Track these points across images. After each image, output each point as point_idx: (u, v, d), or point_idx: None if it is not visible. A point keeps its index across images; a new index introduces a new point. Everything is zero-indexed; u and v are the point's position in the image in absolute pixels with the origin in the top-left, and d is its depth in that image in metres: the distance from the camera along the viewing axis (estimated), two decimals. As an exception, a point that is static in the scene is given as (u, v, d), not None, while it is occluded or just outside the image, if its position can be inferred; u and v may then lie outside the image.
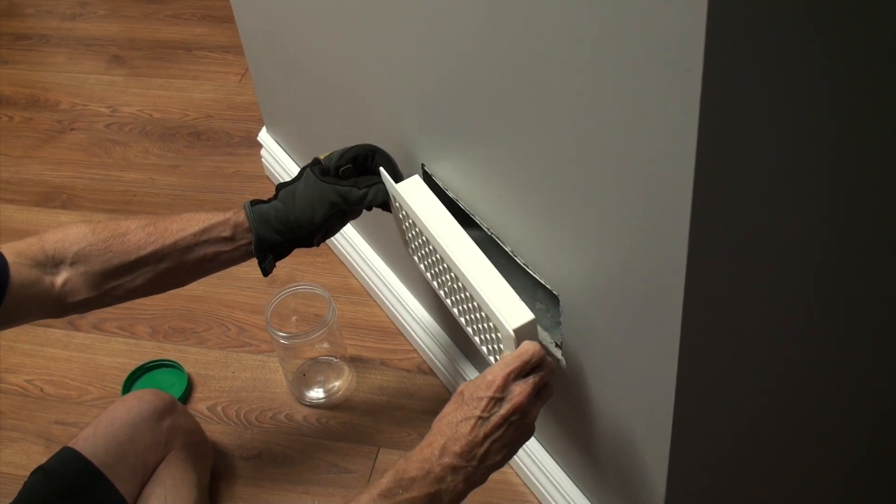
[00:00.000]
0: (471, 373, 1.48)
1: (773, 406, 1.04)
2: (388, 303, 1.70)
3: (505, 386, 0.98)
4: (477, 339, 1.15)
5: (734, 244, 0.82)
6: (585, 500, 1.30)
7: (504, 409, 0.98)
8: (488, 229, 1.15)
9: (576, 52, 0.80)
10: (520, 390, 0.98)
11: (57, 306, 1.10)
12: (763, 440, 1.09)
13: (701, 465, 1.08)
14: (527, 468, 1.40)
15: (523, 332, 1.03)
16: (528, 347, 1.00)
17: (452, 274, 1.12)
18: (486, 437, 0.97)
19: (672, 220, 0.78)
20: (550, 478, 1.35)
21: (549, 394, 1.02)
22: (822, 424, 1.10)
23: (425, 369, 1.63)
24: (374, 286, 1.74)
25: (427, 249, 1.18)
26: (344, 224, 1.23)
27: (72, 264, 1.10)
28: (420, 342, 1.62)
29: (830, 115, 0.74)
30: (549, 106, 0.88)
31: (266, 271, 1.18)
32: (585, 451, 1.24)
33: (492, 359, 1.13)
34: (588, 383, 1.11)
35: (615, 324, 0.98)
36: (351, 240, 1.76)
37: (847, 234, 0.87)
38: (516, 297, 1.05)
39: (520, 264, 1.12)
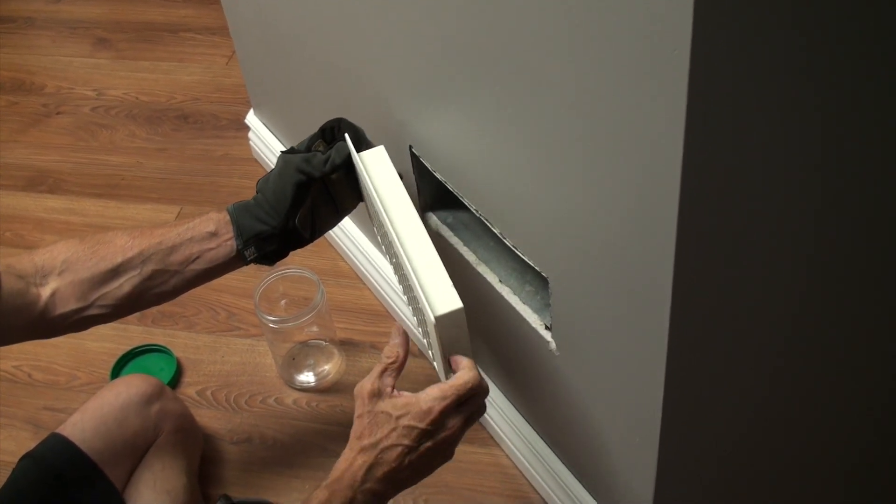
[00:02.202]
0: (461, 355, 1.48)
1: (765, 389, 1.04)
2: (377, 285, 1.70)
3: (440, 420, 0.98)
4: (419, 324, 1.14)
5: (725, 227, 0.81)
6: (578, 484, 1.30)
7: (434, 441, 0.98)
8: (477, 211, 1.15)
9: (565, 30, 0.79)
10: (452, 423, 0.99)
11: (41, 321, 1.08)
12: (754, 426, 1.09)
13: (692, 449, 1.07)
14: (519, 451, 1.40)
15: (448, 321, 0.98)
16: (468, 380, 0.99)
17: (395, 251, 1.10)
18: (410, 464, 0.98)
19: (662, 202, 0.77)
20: (542, 460, 1.35)
21: (480, 415, 1.03)
22: (815, 412, 1.10)
23: (415, 352, 1.63)
24: (363, 269, 1.73)
25: (378, 222, 1.15)
26: (335, 215, 1.21)
27: (60, 273, 1.09)
28: (410, 325, 1.62)
29: (821, 106, 0.73)
30: (537, 86, 0.87)
31: (256, 260, 1.16)
32: (575, 434, 1.24)
33: (429, 352, 1.10)
34: (578, 366, 1.11)
35: (605, 306, 0.97)
36: (341, 223, 1.75)
37: (842, 228, 0.86)
38: (450, 284, 1.01)
39: (508, 246, 1.11)
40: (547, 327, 1.13)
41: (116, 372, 1.66)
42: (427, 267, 1.04)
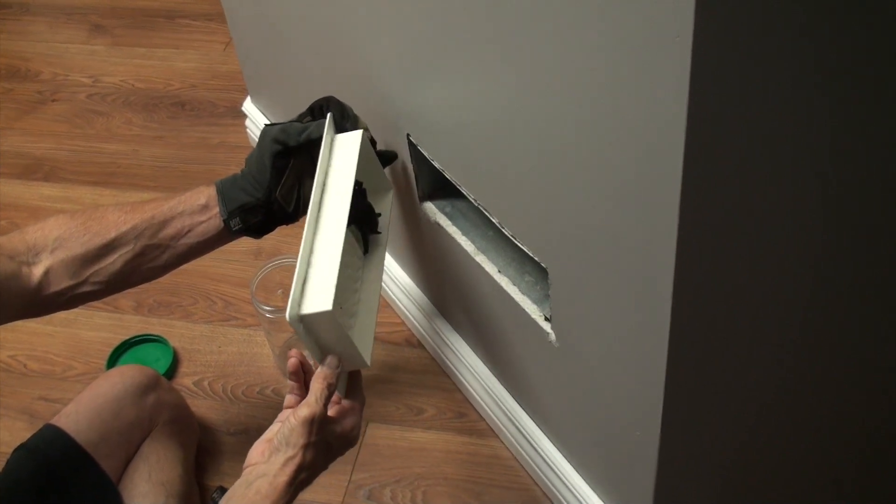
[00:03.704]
0: (459, 346, 1.47)
1: (768, 383, 1.02)
2: (375, 275, 1.68)
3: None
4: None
5: (728, 217, 0.79)
6: (578, 476, 1.28)
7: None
8: (475, 200, 1.13)
9: (566, 15, 0.77)
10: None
11: (35, 301, 1.07)
12: (756, 420, 1.07)
13: (693, 442, 1.06)
14: (518, 443, 1.39)
15: (313, 323, 0.96)
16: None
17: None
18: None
19: (663, 191, 0.75)
20: (541, 452, 1.33)
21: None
22: (819, 407, 1.09)
23: (413, 342, 1.61)
24: (361, 258, 1.72)
25: (311, 203, 1.11)
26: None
27: (52, 250, 1.07)
28: (408, 314, 1.60)
29: (827, 101, 0.72)
30: (536, 71, 0.85)
31: (241, 231, 1.14)
32: (575, 426, 1.22)
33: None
34: (578, 358, 1.09)
35: (606, 297, 0.96)
36: (337, 211, 1.74)
37: (849, 226, 0.85)
38: (331, 287, 0.96)
39: (507, 236, 1.10)
40: (546, 318, 1.12)
41: (112, 362, 1.65)
42: (318, 264, 1.00)
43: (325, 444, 0.99)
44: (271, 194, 1.12)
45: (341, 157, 1.09)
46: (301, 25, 1.43)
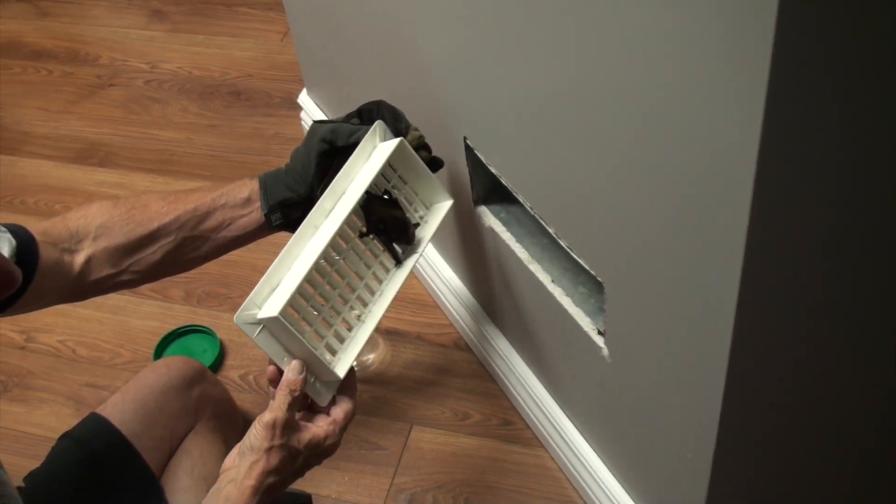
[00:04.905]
0: (508, 352, 1.44)
1: (826, 409, 0.99)
2: (425, 275, 1.66)
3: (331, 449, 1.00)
4: None
5: (796, 237, 0.76)
6: (624, 492, 1.26)
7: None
8: (531, 208, 1.10)
9: (639, 19, 0.74)
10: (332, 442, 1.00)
11: (76, 288, 1.07)
12: (809, 446, 1.04)
13: (746, 464, 1.03)
14: (564, 455, 1.37)
15: (272, 328, 0.94)
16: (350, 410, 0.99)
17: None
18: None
19: (732, 209, 0.72)
20: (587, 465, 1.31)
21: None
22: (868, 431, 1.05)
23: (462, 345, 1.59)
24: (411, 257, 1.70)
25: (323, 200, 1.08)
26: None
27: (95, 238, 1.07)
28: (457, 317, 1.58)
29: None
30: (603, 78, 0.83)
31: (281, 226, 1.13)
32: (624, 442, 1.20)
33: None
34: (631, 374, 1.07)
35: (664, 314, 0.93)
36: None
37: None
38: (288, 293, 0.94)
39: (562, 246, 1.07)
40: (600, 332, 1.09)
41: (160, 351, 1.65)
42: (287, 266, 0.98)
43: (291, 450, 0.97)
44: (313, 191, 1.11)
45: (368, 166, 1.07)
46: (360, 20, 1.41)
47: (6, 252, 0.96)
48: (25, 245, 1.00)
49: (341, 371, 0.99)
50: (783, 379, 0.93)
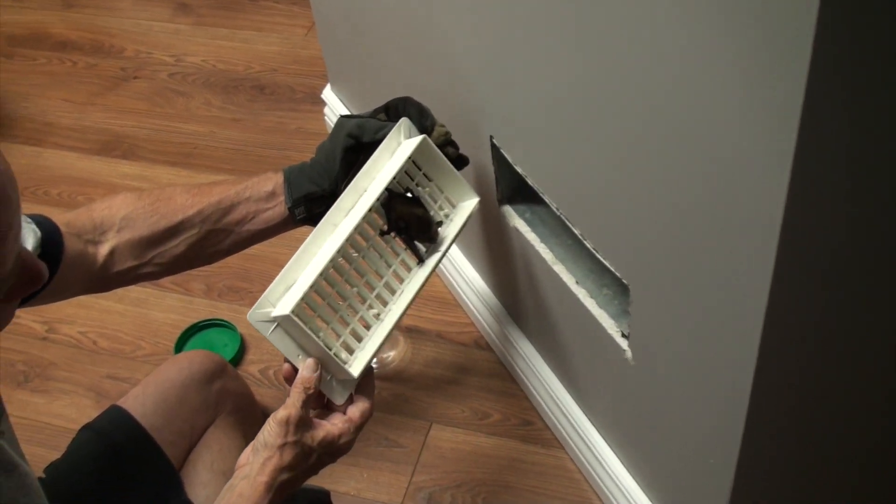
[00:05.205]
0: (529, 352, 1.44)
1: (848, 409, 0.98)
2: (447, 274, 1.66)
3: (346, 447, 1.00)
4: None
5: (829, 242, 0.76)
6: (644, 495, 1.25)
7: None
8: (557, 209, 1.10)
9: (667, 27, 0.73)
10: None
11: (99, 279, 1.07)
12: (834, 455, 1.03)
13: (770, 471, 1.02)
14: (583, 456, 1.36)
15: (286, 326, 0.94)
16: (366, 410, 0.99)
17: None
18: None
19: (764, 214, 0.72)
20: (607, 468, 1.30)
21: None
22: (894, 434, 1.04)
23: (482, 344, 1.59)
24: (433, 255, 1.70)
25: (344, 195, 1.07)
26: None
27: (119, 230, 1.07)
28: (478, 315, 1.58)
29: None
30: (633, 77, 0.82)
31: (304, 220, 1.12)
32: (645, 446, 1.19)
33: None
34: (654, 378, 1.06)
35: (691, 319, 0.92)
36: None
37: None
38: (301, 292, 0.94)
39: (587, 247, 1.06)
40: (624, 335, 1.09)
41: (181, 344, 1.65)
42: (302, 265, 0.98)
43: (304, 447, 0.97)
44: (337, 186, 1.10)
45: (390, 164, 1.06)
46: (387, 17, 1.40)
47: (31, 243, 0.96)
48: (50, 236, 1.00)
49: (356, 370, 0.98)
50: (810, 383, 0.92)
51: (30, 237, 0.96)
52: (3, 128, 2.20)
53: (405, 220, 1.06)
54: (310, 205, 1.11)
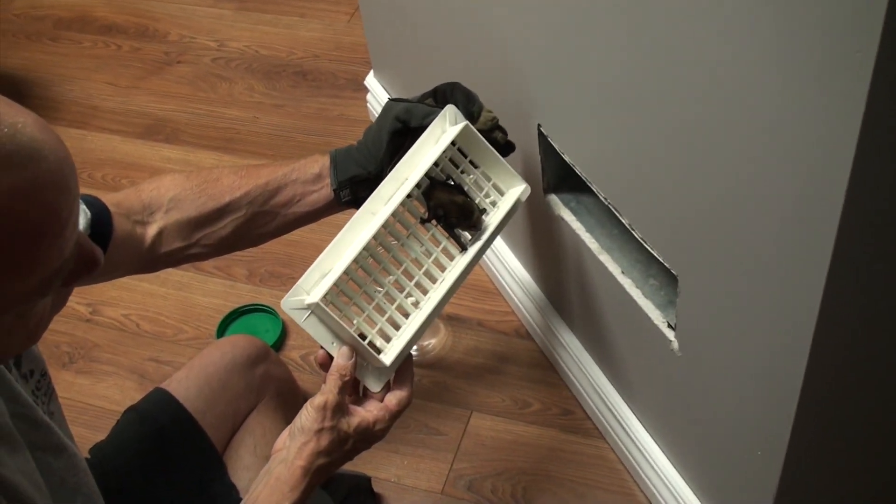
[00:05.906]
0: (571, 342, 1.43)
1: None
2: (488, 262, 1.66)
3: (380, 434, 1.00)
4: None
5: (885, 239, 0.74)
6: (687, 487, 1.24)
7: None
8: (605, 198, 1.09)
9: (725, 19, 0.72)
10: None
11: (146, 260, 1.08)
12: (882, 440, 1.02)
13: (817, 466, 1.01)
14: (625, 447, 1.35)
15: (318, 314, 0.94)
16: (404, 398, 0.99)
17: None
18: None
19: (823, 206, 0.71)
20: (649, 458, 1.29)
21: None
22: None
23: (523, 333, 1.58)
24: (474, 243, 1.69)
25: (384, 184, 1.05)
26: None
27: (167, 211, 1.07)
28: (519, 304, 1.57)
29: None
30: (687, 65, 0.81)
31: (350, 203, 1.12)
32: (689, 438, 1.18)
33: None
34: (701, 370, 1.05)
35: (740, 310, 0.91)
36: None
37: None
38: (332, 280, 0.95)
39: (634, 236, 1.05)
40: (670, 326, 1.08)
41: (222, 329, 1.66)
42: (338, 253, 0.97)
43: (341, 433, 0.97)
44: (383, 169, 1.10)
45: (433, 151, 1.04)
46: (436, 4, 1.40)
47: (81, 224, 0.96)
48: (99, 216, 1.01)
49: (388, 359, 0.98)
50: (860, 375, 0.91)
51: (81, 218, 0.97)
52: (50, 110, 2.22)
53: (444, 207, 1.05)
54: (355, 188, 1.11)
